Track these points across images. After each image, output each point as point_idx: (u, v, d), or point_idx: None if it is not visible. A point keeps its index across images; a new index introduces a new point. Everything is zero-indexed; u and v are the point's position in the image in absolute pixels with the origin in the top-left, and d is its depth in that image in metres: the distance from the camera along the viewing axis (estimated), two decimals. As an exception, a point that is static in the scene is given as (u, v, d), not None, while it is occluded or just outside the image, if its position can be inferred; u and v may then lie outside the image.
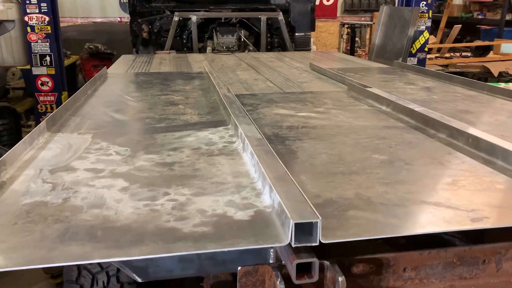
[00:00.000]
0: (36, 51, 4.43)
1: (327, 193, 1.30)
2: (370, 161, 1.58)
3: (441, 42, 7.75)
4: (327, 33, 10.59)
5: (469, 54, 7.10)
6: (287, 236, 1.01)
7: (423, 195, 1.28)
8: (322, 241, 1.02)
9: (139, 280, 1.22)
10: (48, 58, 4.42)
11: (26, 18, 4.30)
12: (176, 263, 1.21)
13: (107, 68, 3.96)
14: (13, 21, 4.05)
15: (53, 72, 4.47)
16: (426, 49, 5.26)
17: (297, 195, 1.14)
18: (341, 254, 1.20)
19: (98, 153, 1.66)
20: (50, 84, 4.53)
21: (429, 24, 5.16)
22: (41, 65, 4.42)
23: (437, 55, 7.29)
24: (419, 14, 5.05)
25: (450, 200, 1.25)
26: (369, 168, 1.51)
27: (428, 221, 1.14)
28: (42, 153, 1.67)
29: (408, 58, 5.18)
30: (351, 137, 1.87)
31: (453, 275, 1.22)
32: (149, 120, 2.17)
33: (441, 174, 1.46)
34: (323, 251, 1.18)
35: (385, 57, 5.14)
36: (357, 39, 10.01)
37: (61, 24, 9.28)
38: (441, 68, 6.69)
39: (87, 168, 1.50)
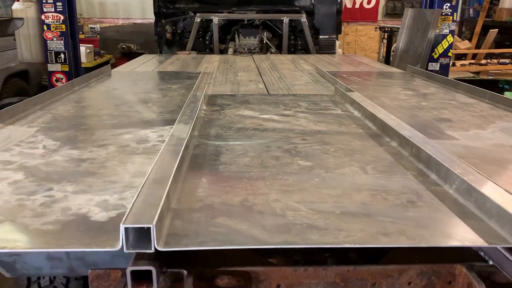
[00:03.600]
0: (51, 49, 4.64)
1: (212, 198, 1.21)
2: (290, 167, 1.47)
3: (478, 48, 7.26)
4: (366, 37, 10.28)
5: (507, 61, 6.59)
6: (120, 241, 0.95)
7: (312, 206, 1.16)
8: (158, 249, 0.94)
9: (8, 275, 1.20)
10: (62, 55, 4.62)
11: (42, 17, 4.51)
12: (44, 260, 1.18)
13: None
14: (22, 18, 4.26)
15: (67, 69, 4.66)
16: (450, 54, 4.92)
17: (156, 198, 1.07)
18: (208, 263, 1.12)
19: (27, 146, 1.67)
20: (64, 80, 4.72)
21: (453, 27, 4.82)
22: (56, 62, 4.63)
23: (471, 61, 6.82)
24: (443, 17, 4.74)
25: (339, 214, 1.13)
26: (282, 174, 1.40)
27: (294, 234, 1.02)
28: (-24, 144, 1.70)
29: (430, 64, 4.87)
30: (292, 142, 1.76)
31: (335, 297, 1.10)
32: (106, 117, 2.16)
33: (356, 185, 1.32)
34: (187, 259, 1.11)
35: (407, 61, 4.88)
36: (398, 43, 9.64)
37: (102, 25, 9.68)
38: (472, 75, 6.24)
39: (1, 160, 1.51)
